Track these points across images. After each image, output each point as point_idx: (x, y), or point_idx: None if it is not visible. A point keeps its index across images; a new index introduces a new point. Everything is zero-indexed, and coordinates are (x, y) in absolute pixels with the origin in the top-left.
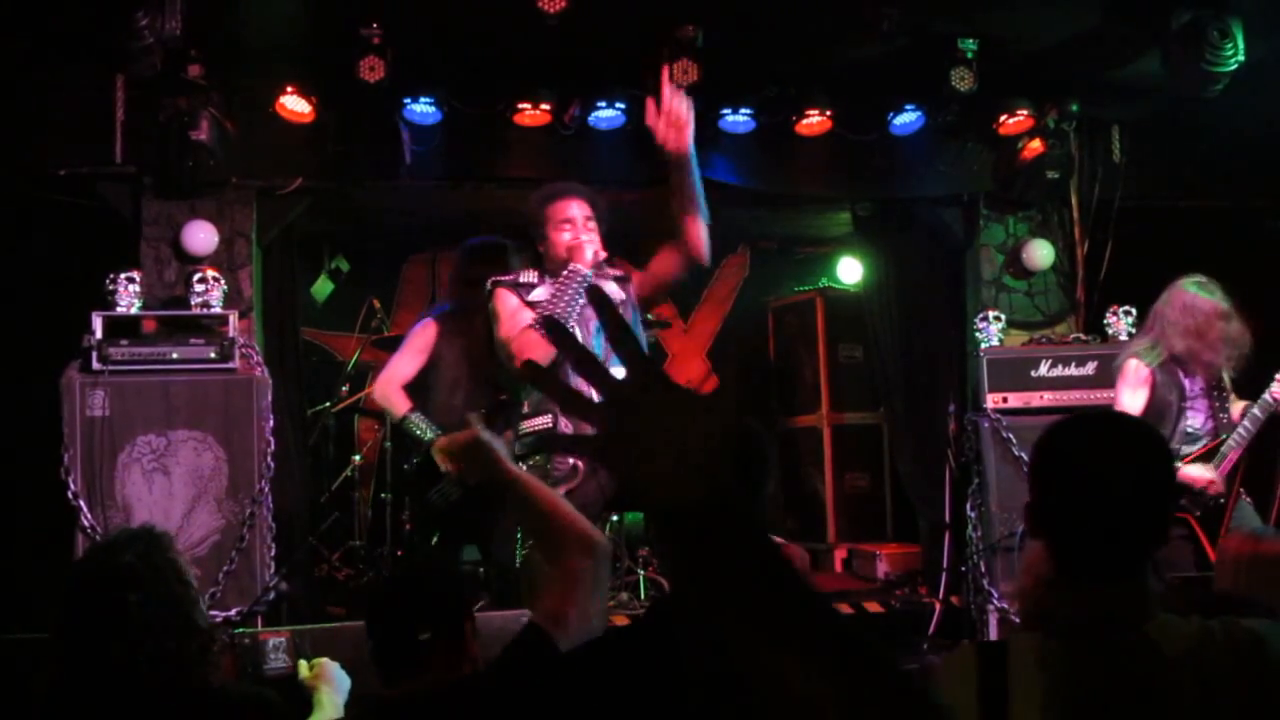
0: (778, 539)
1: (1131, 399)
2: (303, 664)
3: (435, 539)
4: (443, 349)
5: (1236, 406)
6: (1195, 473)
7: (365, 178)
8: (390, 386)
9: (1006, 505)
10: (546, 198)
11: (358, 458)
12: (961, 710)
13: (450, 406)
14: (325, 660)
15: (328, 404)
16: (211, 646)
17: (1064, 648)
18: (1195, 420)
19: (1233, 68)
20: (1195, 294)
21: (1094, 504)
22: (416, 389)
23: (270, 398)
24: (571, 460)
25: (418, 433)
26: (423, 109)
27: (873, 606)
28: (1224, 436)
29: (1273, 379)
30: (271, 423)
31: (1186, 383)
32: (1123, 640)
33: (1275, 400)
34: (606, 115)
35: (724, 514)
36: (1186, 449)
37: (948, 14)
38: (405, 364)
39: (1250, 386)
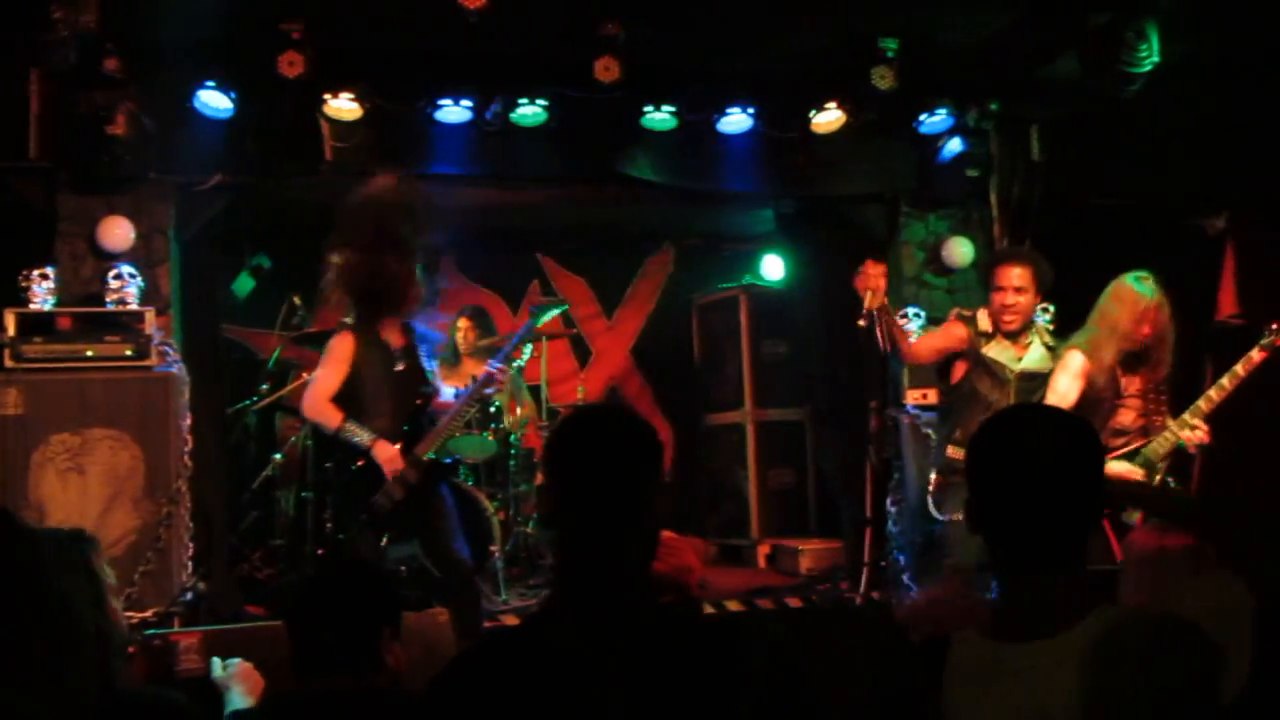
0: (668, 533)
1: (1067, 389)
2: (216, 664)
3: (385, 540)
4: (360, 360)
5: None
6: (1117, 469)
7: (286, 174)
8: (320, 401)
9: (924, 499)
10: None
11: (279, 456)
12: None
13: (376, 413)
14: (239, 661)
15: (248, 402)
16: (124, 649)
17: (1007, 644)
18: (1125, 418)
19: (1148, 69)
20: (1129, 286)
21: (1026, 497)
22: (340, 399)
23: (188, 395)
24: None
25: (355, 440)
26: (343, 104)
27: (795, 602)
28: (1151, 438)
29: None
30: (189, 421)
31: (1123, 381)
32: (1062, 633)
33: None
34: (529, 112)
35: None
36: (1113, 443)
37: (869, 13)
38: (330, 378)
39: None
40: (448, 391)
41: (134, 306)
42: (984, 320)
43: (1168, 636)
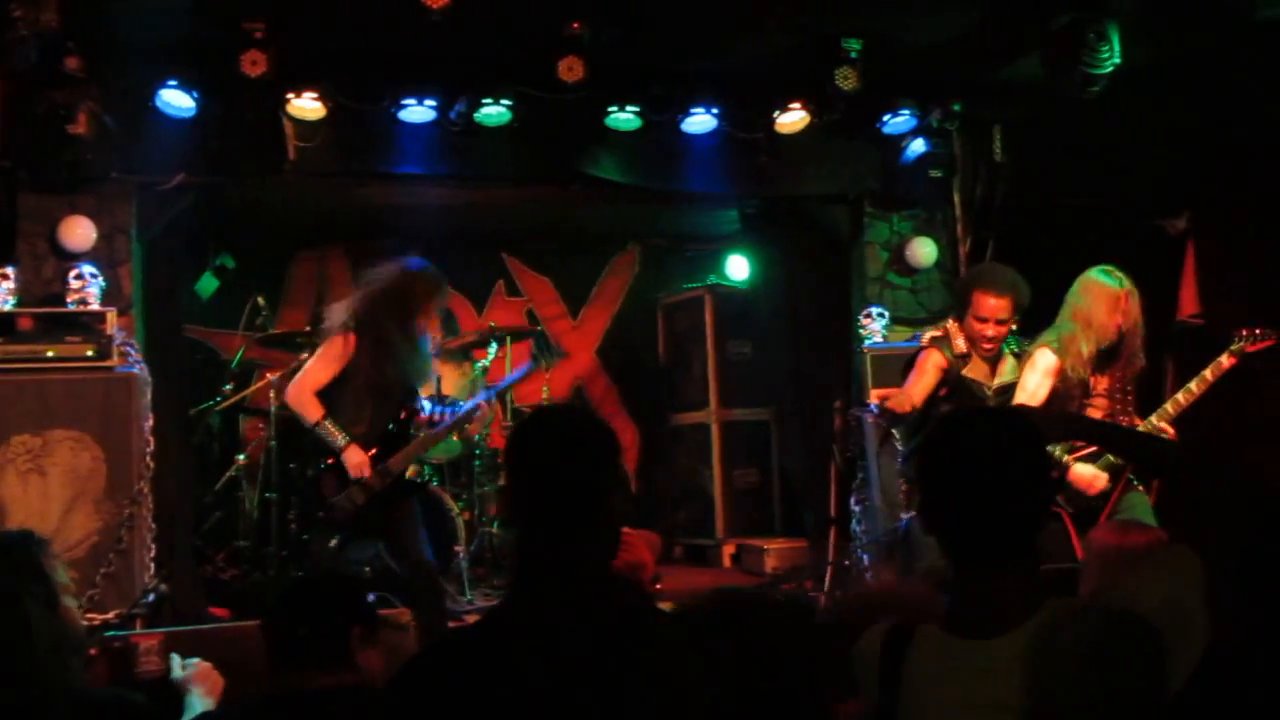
0: (626, 529)
1: (1036, 386)
2: (175, 663)
3: (335, 542)
4: (358, 361)
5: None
6: (1083, 472)
7: (249, 173)
8: (305, 393)
9: (890, 500)
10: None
11: (242, 457)
12: (865, 684)
13: (358, 418)
14: (199, 661)
15: (212, 402)
16: (82, 650)
17: (964, 640)
18: (1095, 416)
19: (1109, 70)
20: (1097, 279)
21: (972, 495)
22: (325, 395)
23: (150, 396)
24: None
25: (329, 439)
26: (306, 103)
27: None
28: None
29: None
30: (151, 421)
31: (1091, 380)
32: (1014, 630)
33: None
34: (492, 111)
35: None
36: (1079, 442)
37: (832, 14)
38: (321, 371)
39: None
40: (425, 405)
41: (95, 307)
42: (957, 339)
43: (1112, 629)
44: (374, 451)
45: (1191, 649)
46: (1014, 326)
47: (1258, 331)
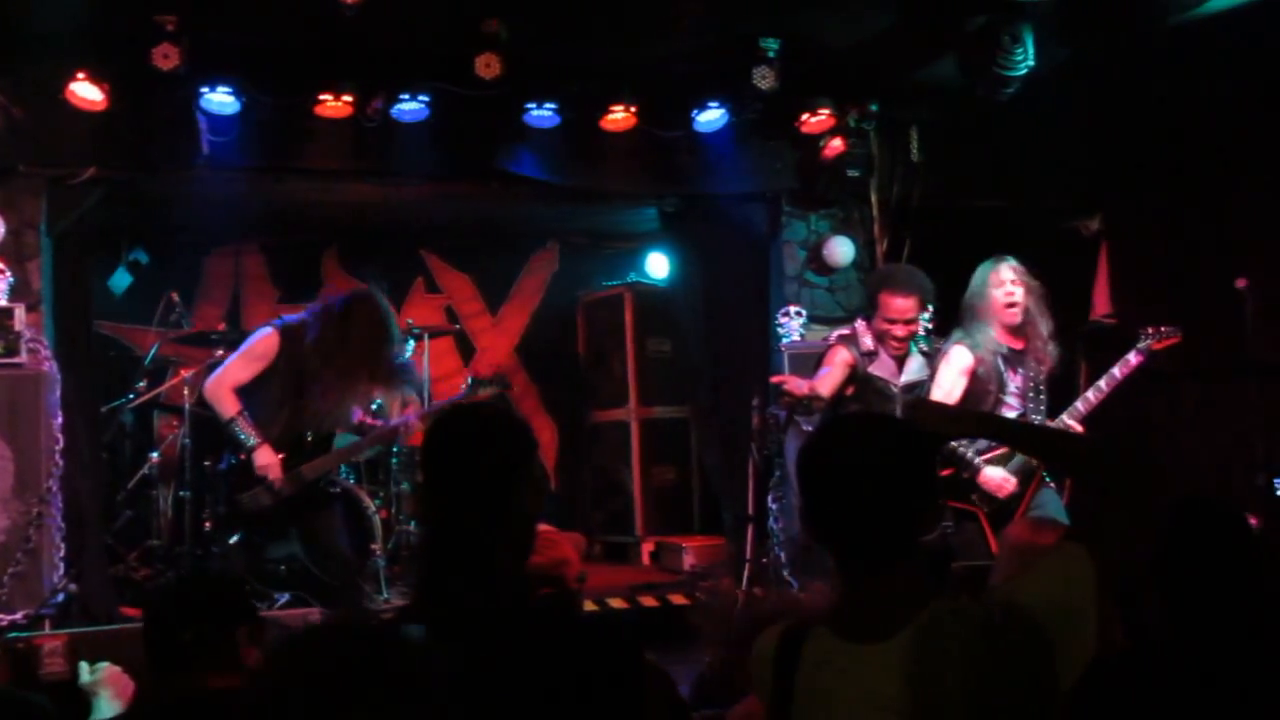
0: (547, 527)
1: (951, 384)
2: (84, 668)
3: (235, 539)
4: (280, 363)
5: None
6: (992, 476)
7: (161, 167)
8: (223, 388)
9: None
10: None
11: (156, 455)
12: (759, 684)
13: (271, 420)
14: (107, 665)
15: (124, 399)
16: None
17: (850, 644)
18: (1009, 415)
19: (1023, 72)
20: (985, 268)
21: (851, 502)
22: (244, 392)
23: (59, 393)
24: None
25: (242, 436)
26: (220, 98)
27: (678, 599)
28: None
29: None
30: (60, 419)
31: (1008, 376)
32: (897, 633)
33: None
34: (410, 108)
35: None
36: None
37: (750, 13)
38: (243, 369)
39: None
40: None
41: (3, 303)
42: (864, 337)
43: (992, 626)
44: (284, 455)
45: (1079, 647)
46: (924, 324)
47: (1163, 329)
